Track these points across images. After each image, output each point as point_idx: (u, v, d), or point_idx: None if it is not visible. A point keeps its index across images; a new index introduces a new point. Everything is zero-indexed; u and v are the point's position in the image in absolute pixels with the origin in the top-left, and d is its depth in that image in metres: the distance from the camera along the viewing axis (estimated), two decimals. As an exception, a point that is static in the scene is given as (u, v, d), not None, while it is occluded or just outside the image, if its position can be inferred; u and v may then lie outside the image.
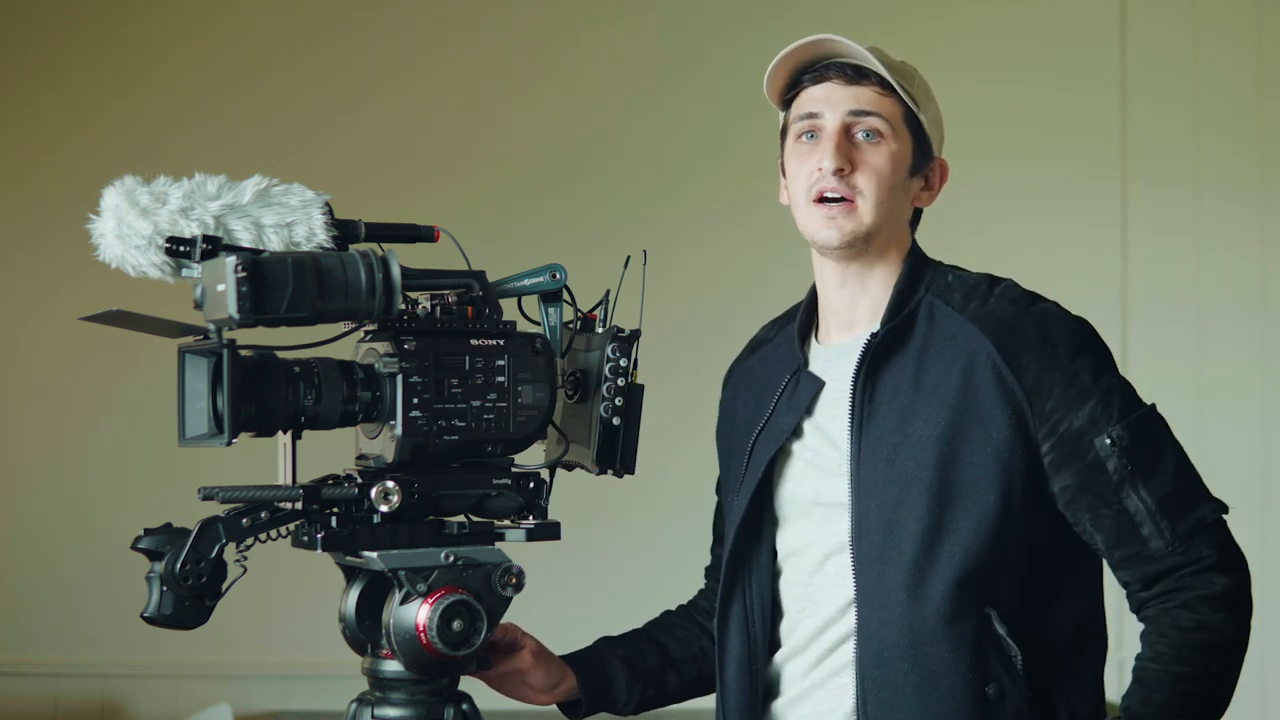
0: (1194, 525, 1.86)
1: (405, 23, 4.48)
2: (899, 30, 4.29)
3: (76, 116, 4.43)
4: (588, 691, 2.08)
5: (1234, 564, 1.87)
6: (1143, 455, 1.86)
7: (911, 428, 1.88)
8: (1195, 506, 1.87)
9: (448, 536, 1.83)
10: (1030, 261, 4.39)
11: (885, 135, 1.93)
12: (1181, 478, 1.88)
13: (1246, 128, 4.36)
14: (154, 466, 3.95)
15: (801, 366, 2.01)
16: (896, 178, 1.94)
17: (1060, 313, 1.92)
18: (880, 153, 1.93)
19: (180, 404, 1.72)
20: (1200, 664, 1.84)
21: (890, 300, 1.95)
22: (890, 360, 1.92)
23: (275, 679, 4.36)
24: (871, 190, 1.93)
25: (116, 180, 1.75)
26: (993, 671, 1.85)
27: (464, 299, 1.84)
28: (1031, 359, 1.86)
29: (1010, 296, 1.92)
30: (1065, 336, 1.88)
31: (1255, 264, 4.35)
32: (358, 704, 1.88)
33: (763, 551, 2.01)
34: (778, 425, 2.00)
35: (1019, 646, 1.86)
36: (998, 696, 1.85)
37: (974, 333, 1.89)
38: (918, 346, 1.91)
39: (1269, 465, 4.32)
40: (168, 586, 1.70)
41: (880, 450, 1.89)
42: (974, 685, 1.84)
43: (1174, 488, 1.87)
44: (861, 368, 1.92)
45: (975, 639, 1.85)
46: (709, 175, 4.40)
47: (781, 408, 2.01)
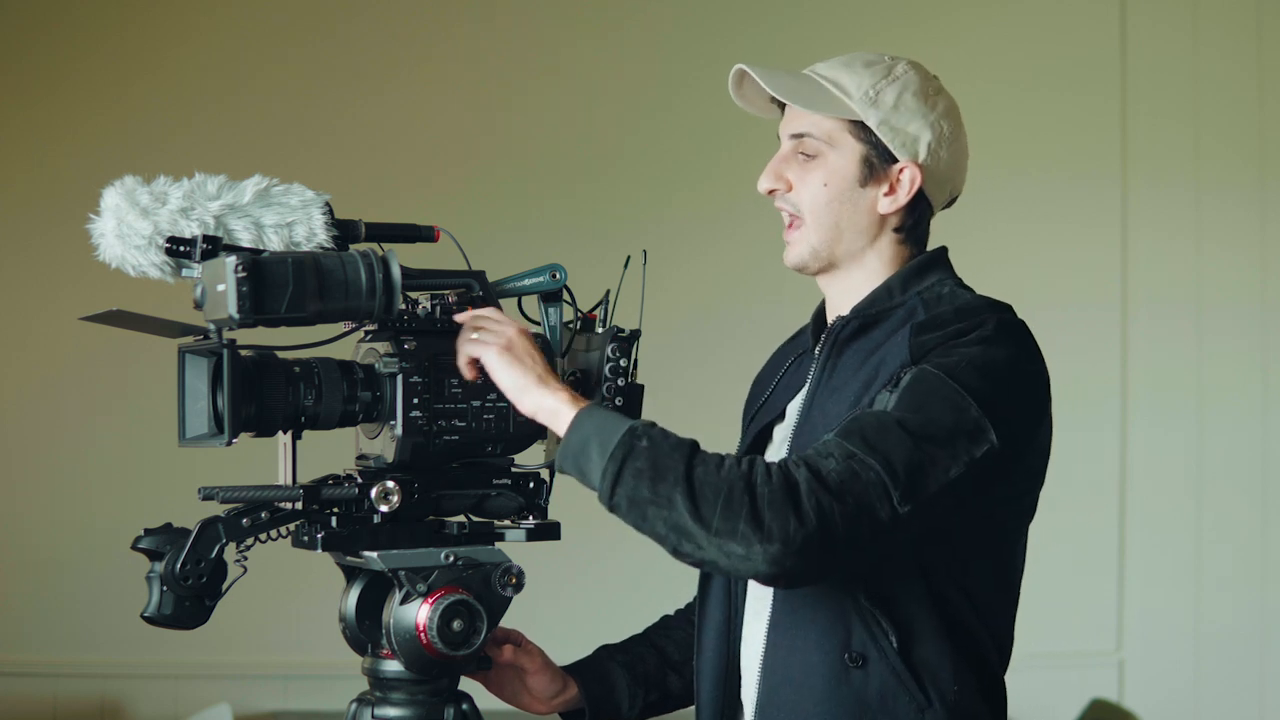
0: (852, 444, 1.70)
1: (405, 23, 4.48)
2: (899, 31, 4.29)
3: (77, 117, 4.43)
4: (590, 699, 2.08)
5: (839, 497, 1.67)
6: (906, 399, 1.75)
7: (832, 404, 1.88)
8: (870, 446, 1.70)
9: (448, 536, 1.83)
10: (1030, 261, 4.42)
11: (821, 153, 1.94)
12: (893, 434, 1.71)
13: (1246, 128, 4.36)
14: (154, 466, 3.95)
15: (807, 350, 2.03)
16: (834, 192, 1.94)
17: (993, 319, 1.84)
18: (815, 171, 1.94)
19: (180, 404, 1.72)
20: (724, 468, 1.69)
21: (874, 291, 1.95)
22: (850, 346, 1.92)
23: (275, 679, 4.36)
24: (807, 208, 1.95)
25: (116, 180, 1.75)
26: (856, 641, 1.81)
27: (464, 299, 1.85)
28: (930, 338, 1.82)
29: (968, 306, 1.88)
30: (977, 325, 1.82)
31: (1255, 264, 4.36)
32: (358, 704, 1.88)
33: None
34: (773, 404, 2.02)
35: (889, 613, 1.82)
36: (858, 664, 1.82)
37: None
38: (877, 341, 1.91)
39: (1269, 465, 4.32)
40: (168, 586, 1.70)
41: (806, 426, 1.89)
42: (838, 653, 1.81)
43: (882, 424, 1.72)
44: (824, 348, 1.94)
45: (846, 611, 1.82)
46: (709, 175, 4.41)
47: (780, 388, 2.03)
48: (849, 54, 1.99)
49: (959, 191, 2.04)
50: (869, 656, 1.82)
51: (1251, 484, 4.30)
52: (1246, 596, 4.34)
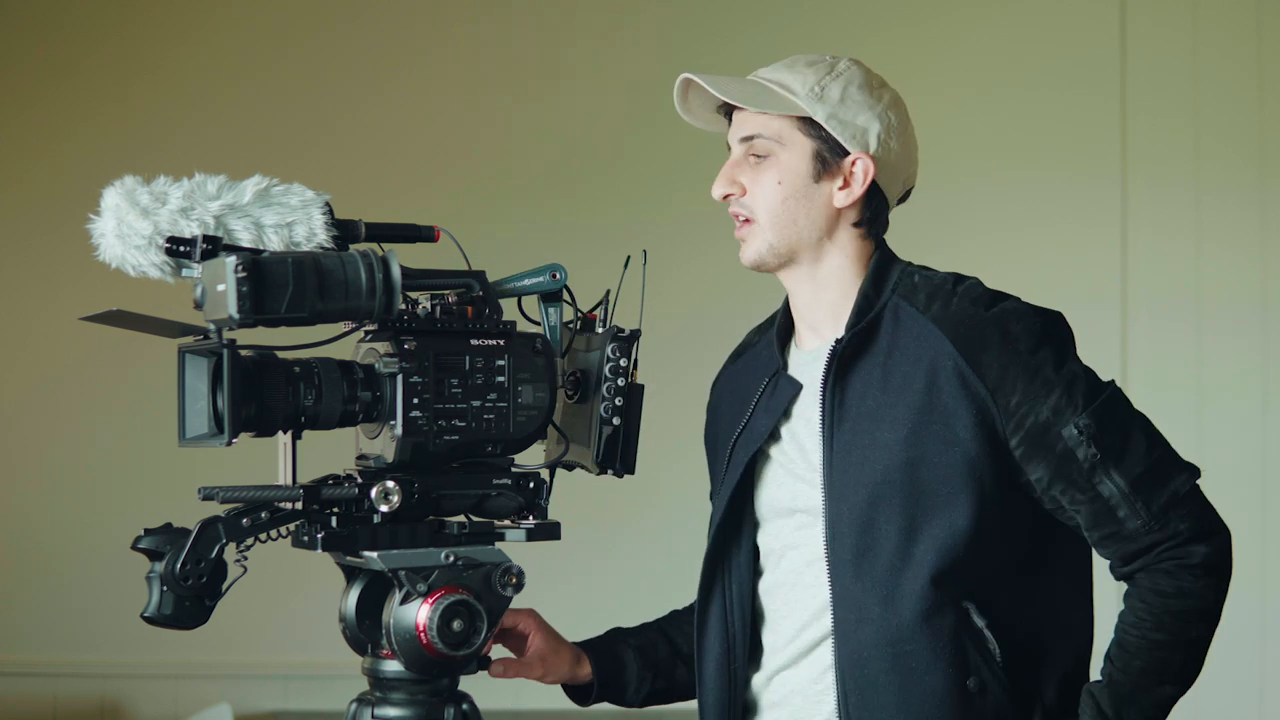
0: (1169, 500, 1.88)
1: (405, 23, 4.48)
2: (899, 31, 4.29)
3: (77, 117, 4.43)
4: (600, 675, 2.10)
5: (1211, 530, 1.89)
6: (1110, 439, 1.88)
7: (880, 431, 1.90)
8: (1167, 481, 1.89)
9: (448, 536, 1.83)
10: (1030, 261, 4.41)
11: (772, 152, 1.96)
12: (1151, 453, 1.90)
13: (1246, 128, 4.36)
14: (154, 466, 3.95)
15: (781, 370, 2.03)
16: (788, 190, 1.95)
17: (1021, 308, 1.92)
18: (767, 171, 1.96)
19: (180, 404, 1.72)
20: (1178, 630, 1.87)
21: (855, 304, 1.96)
22: (857, 365, 1.93)
23: (275, 679, 4.36)
24: (761, 208, 1.97)
25: (116, 180, 1.75)
26: (972, 665, 1.86)
27: (464, 299, 1.85)
28: (992, 357, 1.87)
29: (971, 296, 1.93)
30: (1024, 332, 1.89)
31: (1255, 264, 4.35)
32: (358, 704, 1.88)
33: (743, 552, 2.03)
34: (756, 428, 2.01)
35: (998, 638, 1.87)
36: (979, 690, 1.86)
37: (935, 334, 1.90)
38: (884, 349, 1.92)
39: (1269, 465, 4.31)
40: (168, 586, 1.70)
41: (851, 455, 1.91)
42: (954, 680, 1.86)
43: (1145, 466, 1.88)
44: (829, 374, 1.93)
45: (954, 634, 1.86)
46: (710, 175, 4.36)
47: (760, 410, 2.02)
48: (789, 57, 2.01)
49: (913, 183, 2.05)
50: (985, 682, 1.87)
51: (1251, 484, 4.30)
52: (1246, 596, 4.33)
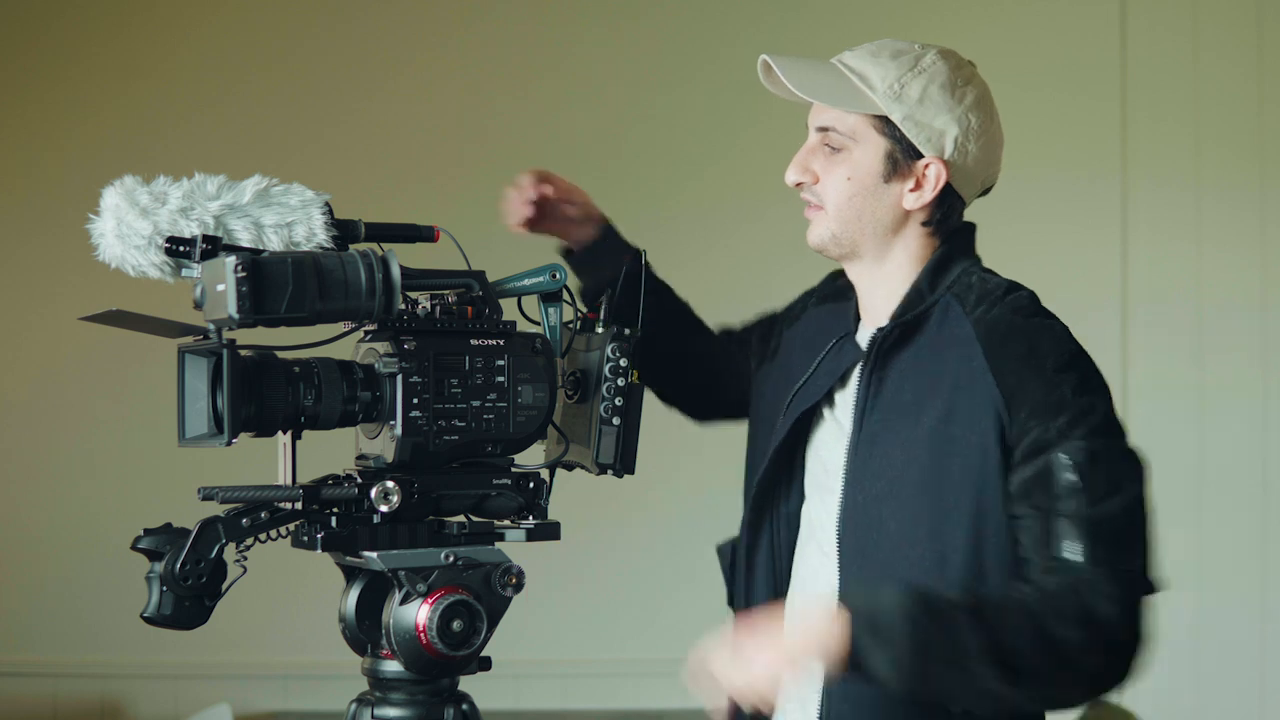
0: (1118, 569, 1.74)
1: (405, 22, 4.48)
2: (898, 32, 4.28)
3: (77, 116, 4.43)
4: (596, 239, 2.23)
5: (1134, 623, 1.74)
6: (1099, 481, 1.77)
7: (905, 426, 1.89)
8: (1129, 556, 1.76)
9: (448, 536, 1.83)
10: (1030, 261, 4.40)
11: (845, 147, 1.94)
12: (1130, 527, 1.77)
13: (1246, 128, 4.36)
14: (154, 466, 3.95)
15: (849, 336, 2.02)
16: (857, 187, 1.94)
17: (1060, 331, 1.89)
18: (839, 165, 1.95)
19: (180, 404, 1.72)
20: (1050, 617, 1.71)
21: (905, 295, 1.95)
22: (897, 356, 1.92)
23: (275, 679, 4.36)
24: (829, 200, 1.95)
25: (116, 180, 1.75)
26: None
27: (464, 299, 1.84)
28: (1014, 365, 1.84)
29: (1015, 305, 1.90)
30: (1054, 351, 1.85)
31: (1255, 264, 4.35)
32: (358, 704, 1.88)
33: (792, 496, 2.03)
34: (815, 384, 2.01)
35: None
36: None
37: (971, 336, 1.88)
38: (926, 345, 1.91)
39: (1269, 465, 4.31)
40: (168, 586, 1.70)
41: (875, 445, 1.90)
42: None
43: (1116, 528, 1.76)
44: (869, 360, 1.93)
45: None
46: (710, 175, 4.40)
47: (823, 369, 2.02)
48: (878, 42, 1.98)
49: (994, 181, 2.04)
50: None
51: (1252, 484, 4.30)
52: (1246, 596, 4.34)
